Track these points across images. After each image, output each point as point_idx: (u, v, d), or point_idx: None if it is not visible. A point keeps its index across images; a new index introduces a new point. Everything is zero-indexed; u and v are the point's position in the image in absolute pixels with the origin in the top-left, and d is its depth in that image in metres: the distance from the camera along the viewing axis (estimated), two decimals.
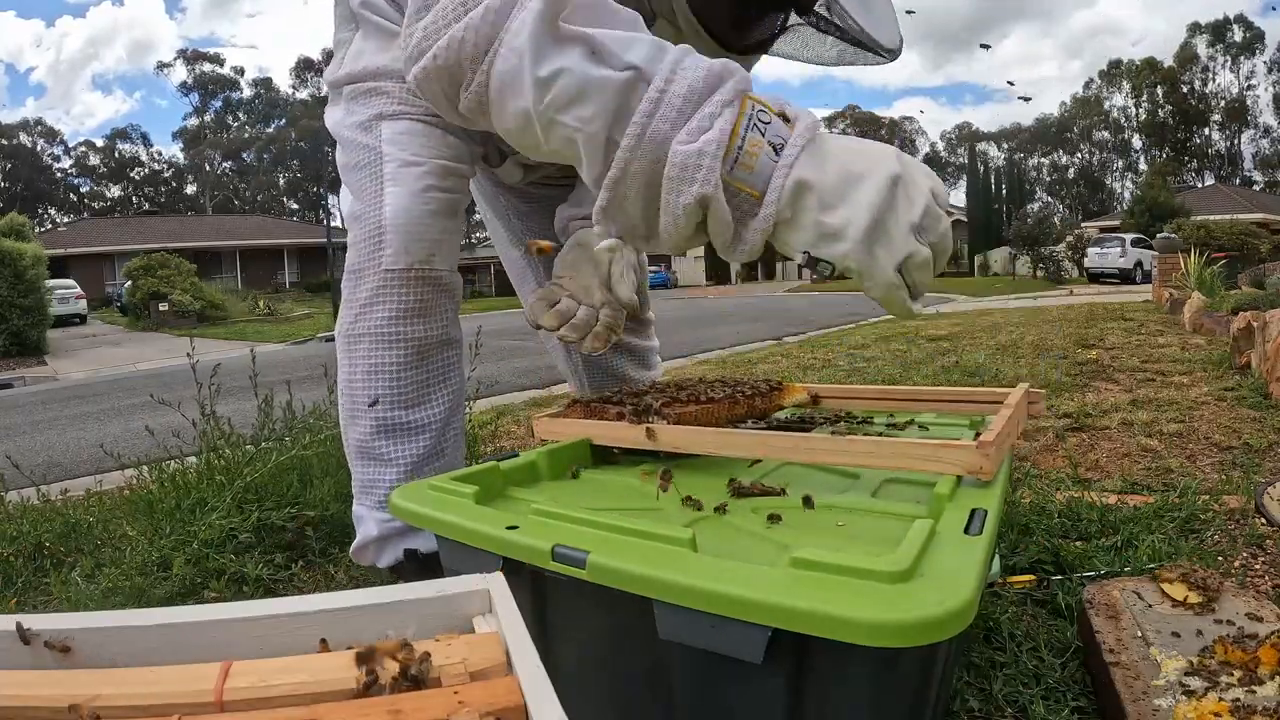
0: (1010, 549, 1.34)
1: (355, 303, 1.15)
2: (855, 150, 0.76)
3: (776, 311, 11.86)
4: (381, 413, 1.16)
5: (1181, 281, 6.92)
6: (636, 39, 0.77)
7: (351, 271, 1.15)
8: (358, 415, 1.17)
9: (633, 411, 1.01)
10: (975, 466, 0.77)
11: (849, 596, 0.54)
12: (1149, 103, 51.93)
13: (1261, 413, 2.38)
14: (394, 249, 1.11)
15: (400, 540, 1.20)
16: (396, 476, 1.17)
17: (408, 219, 1.12)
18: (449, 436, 1.22)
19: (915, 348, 4.74)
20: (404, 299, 1.12)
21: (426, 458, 1.19)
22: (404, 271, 1.12)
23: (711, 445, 0.93)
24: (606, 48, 0.75)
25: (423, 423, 1.18)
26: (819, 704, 0.59)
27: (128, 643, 0.45)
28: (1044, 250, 23.46)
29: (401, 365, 1.15)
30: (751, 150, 0.74)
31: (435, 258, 1.13)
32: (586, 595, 0.66)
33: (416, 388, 1.17)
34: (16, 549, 1.68)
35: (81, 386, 7.90)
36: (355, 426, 1.18)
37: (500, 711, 0.39)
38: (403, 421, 1.16)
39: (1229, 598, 0.96)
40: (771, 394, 1.17)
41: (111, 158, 55.95)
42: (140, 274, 18.28)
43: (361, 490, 1.21)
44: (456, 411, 1.24)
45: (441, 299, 1.16)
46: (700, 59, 0.77)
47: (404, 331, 1.14)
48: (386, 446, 1.17)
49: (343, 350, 1.18)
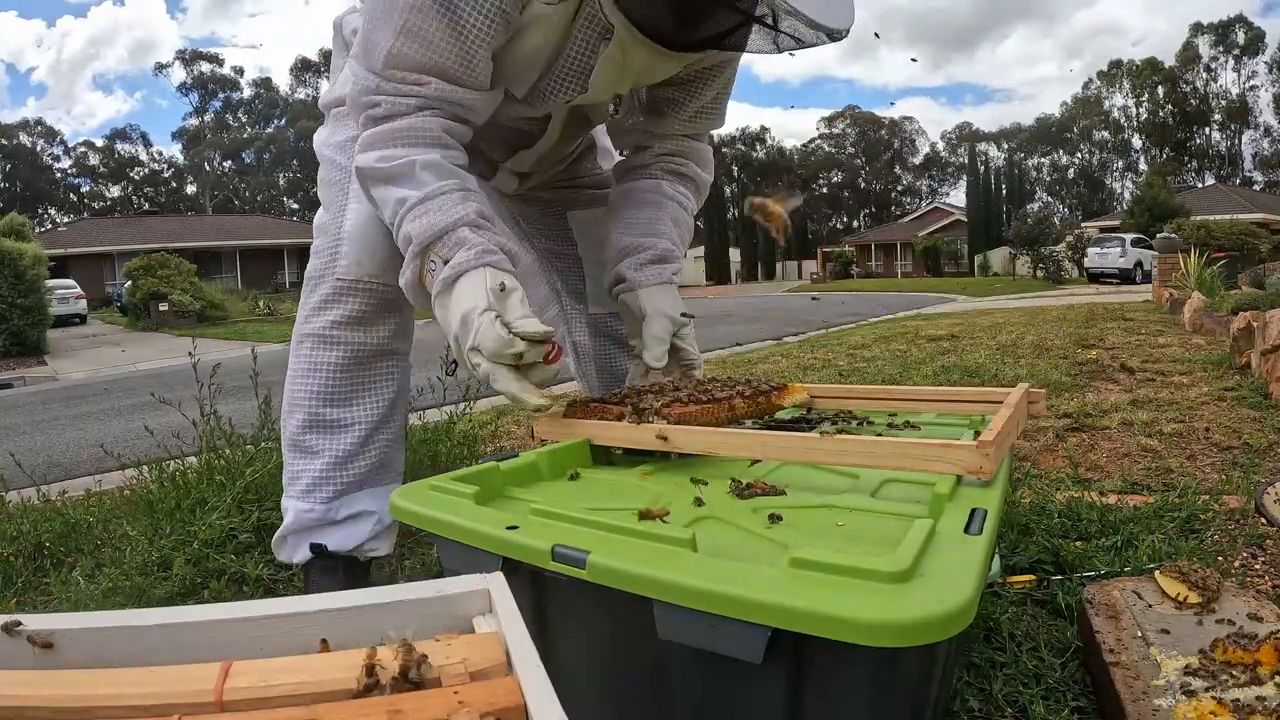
0: (1010, 549, 1.34)
1: (307, 306, 1.22)
2: (457, 298, 0.99)
3: (776, 311, 11.86)
4: (313, 408, 1.21)
5: (1181, 281, 6.92)
6: (387, 199, 1.07)
7: (310, 278, 1.23)
8: (293, 409, 1.23)
9: (633, 412, 1.01)
10: (975, 466, 0.78)
11: (849, 596, 0.54)
12: (1150, 103, 51.95)
13: (1261, 413, 2.38)
14: (348, 260, 1.19)
15: (311, 534, 1.23)
16: (320, 468, 1.22)
17: (364, 234, 1.19)
18: (380, 439, 1.25)
19: (915, 348, 4.74)
20: (350, 307, 1.19)
21: (351, 455, 1.23)
22: (354, 282, 1.19)
23: (721, 446, 0.93)
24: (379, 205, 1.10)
25: (350, 421, 1.22)
26: (819, 704, 0.59)
27: (128, 643, 0.45)
28: (1044, 250, 23.46)
29: (337, 367, 1.20)
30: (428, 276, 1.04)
31: (387, 273, 1.18)
32: (586, 595, 0.66)
33: (349, 389, 1.22)
34: (16, 549, 1.68)
35: (81, 386, 7.90)
36: (290, 420, 1.24)
37: (500, 711, 0.39)
38: (331, 418, 1.22)
39: (1229, 598, 0.96)
40: (771, 394, 1.17)
41: (111, 158, 55.95)
42: (140, 274, 18.27)
43: (288, 481, 1.26)
44: (392, 419, 1.27)
45: (385, 312, 1.22)
46: (408, 221, 1.04)
47: (344, 336, 1.20)
48: (314, 440, 1.22)
49: (291, 349, 1.25)
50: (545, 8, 1.05)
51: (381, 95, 1.06)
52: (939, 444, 0.81)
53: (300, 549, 1.24)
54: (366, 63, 1.07)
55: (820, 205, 60.34)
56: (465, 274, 0.99)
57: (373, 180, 1.08)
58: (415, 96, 1.06)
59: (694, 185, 1.44)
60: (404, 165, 1.05)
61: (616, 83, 1.18)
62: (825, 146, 63.32)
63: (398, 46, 1.03)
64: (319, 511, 1.22)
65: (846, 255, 35.99)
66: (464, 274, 0.99)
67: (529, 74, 1.15)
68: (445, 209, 1.03)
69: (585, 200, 1.55)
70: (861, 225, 57.32)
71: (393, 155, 1.05)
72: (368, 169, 1.07)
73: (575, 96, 1.18)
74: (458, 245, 1.01)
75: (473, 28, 1.02)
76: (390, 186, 1.06)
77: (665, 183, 1.39)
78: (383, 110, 1.07)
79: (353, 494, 1.24)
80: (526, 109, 1.24)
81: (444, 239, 1.02)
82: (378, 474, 1.26)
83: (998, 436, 0.80)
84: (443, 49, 1.03)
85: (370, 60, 1.06)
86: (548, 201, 1.56)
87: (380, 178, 1.07)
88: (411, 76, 1.05)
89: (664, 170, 1.40)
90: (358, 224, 1.19)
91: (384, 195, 1.07)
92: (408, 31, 1.02)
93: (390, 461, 1.29)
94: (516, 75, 1.15)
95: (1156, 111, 51.70)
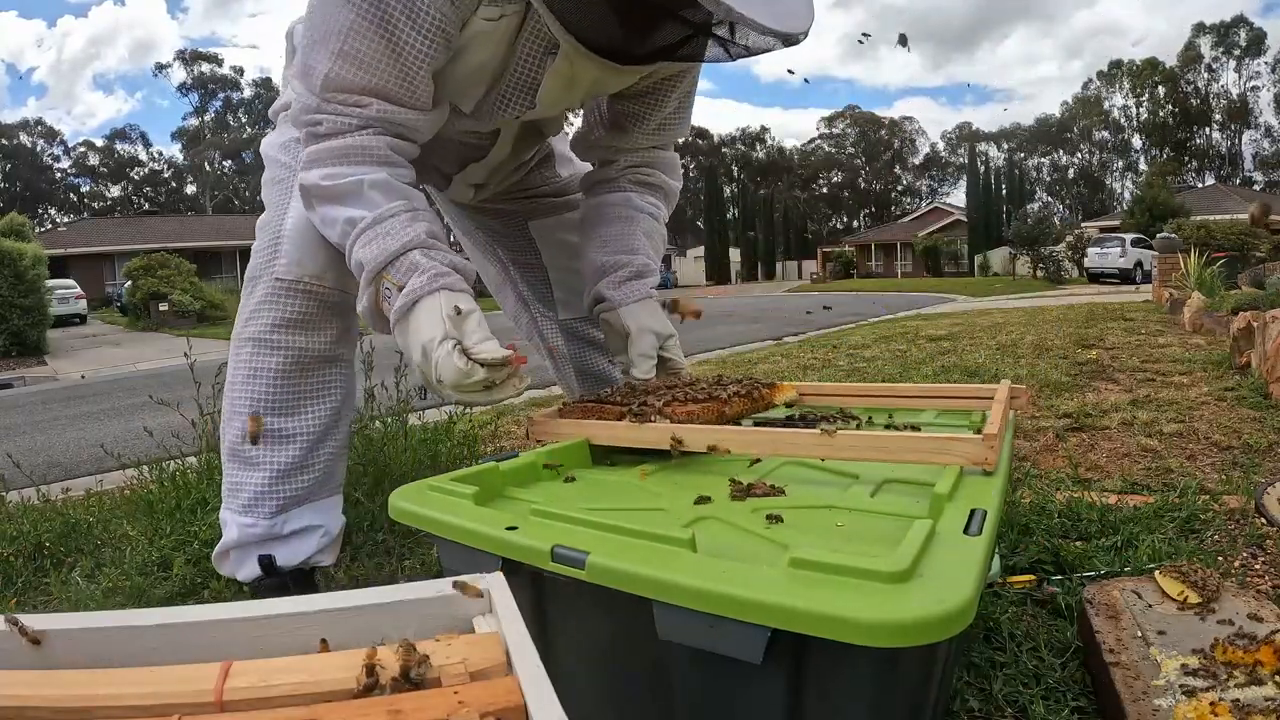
0: (1010, 549, 1.34)
1: (246, 309, 1.19)
2: (415, 329, 0.99)
3: (776, 311, 11.86)
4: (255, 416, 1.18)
5: (1181, 281, 6.92)
6: (336, 219, 1.05)
7: (249, 278, 1.20)
8: (233, 417, 1.20)
9: (633, 413, 1.01)
10: (981, 458, 0.81)
11: (848, 596, 0.54)
12: (1150, 103, 51.95)
13: (1261, 413, 2.38)
14: (287, 259, 1.15)
15: (258, 548, 1.20)
16: (262, 481, 1.18)
17: (305, 234, 1.15)
18: (324, 452, 1.22)
19: (915, 348, 4.74)
20: (289, 308, 1.15)
21: (295, 467, 1.19)
22: (294, 283, 1.15)
23: (733, 444, 0.94)
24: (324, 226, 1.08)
25: (293, 431, 1.19)
26: (819, 704, 0.59)
27: (128, 643, 0.45)
28: (1043, 250, 23.44)
29: (278, 373, 1.17)
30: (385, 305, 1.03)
31: (328, 275, 1.16)
32: (586, 595, 0.67)
33: (292, 397, 1.18)
34: (16, 549, 1.68)
35: (81, 386, 7.90)
36: (230, 428, 1.20)
37: (500, 711, 0.39)
38: (273, 428, 1.18)
39: (1229, 598, 0.96)
40: (764, 392, 1.18)
41: (110, 158, 55.95)
42: (140, 274, 18.25)
43: (229, 493, 1.22)
44: (336, 430, 1.24)
45: (327, 315, 1.19)
46: (359, 246, 1.02)
47: (285, 340, 1.16)
48: (255, 451, 1.18)
49: (230, 353, 1.21)
50: (486, 24, 1.03)
51: (323, 115, 1.04)
52: (945, 437, 0.84)
53: (245, 564, 1.21)
54: (306, 84, 1.05)
55: (820, 205, 60.36)
56: (420, 301, 0.98)
57: (319, 198, 1.06)
58: (356, 117, 1.04)
59: (663, 194, 1.43)
60: (351, 184, 1.03)
61: (565, 97, 1.17)
62: (825, 146, 63.34)
63: (336, 70, 1.01)
64: (263, 526, 1.19)
65: (846, 255, 35.99)
66: (419, 301, 0.98)
67: (475, 90, 1.13)
68: (395, 232, 1.01)
69: (545, 209, 1.55)
70: (861, 225, 57.31)
71: (339, 174, 1.03)
72: (313, 186, 1.05)
73: (524, 112, 1.17)
74: (410, 270, 0.99)
75: (411, 48, 1.00)
76: (337, 206, 1.04)
77: (634, 194, 1.38)
78: (324, 129, 1.04)
79: (297, 508, 1.21)
80: (475, 124, 1.22)
81: (395, 264, 1.00)
82: (320, 487, 1.23)
83: (1000, 429, 0.83)
84: (382, 71, 1.01)
85: (309, 83, 1.04)
86: (508, 213, 1.56)
87: (326, 196, 1.05)
88: (352, 99, 1.03)
89: (631, 182, 1.39)
90: (299, 223, 1.16)
91: (331, 214, 1.05)
92: (345, 55, 1.00)
93: (332, 474, 1.26)
94: (462, 92, 1.13)
95: (1157, 111, 51.70)
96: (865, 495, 0.86)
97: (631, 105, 1.30)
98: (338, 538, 1.28)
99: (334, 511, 1.27)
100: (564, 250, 1.54)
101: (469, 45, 1.05)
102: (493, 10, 1.02)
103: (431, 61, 1.03)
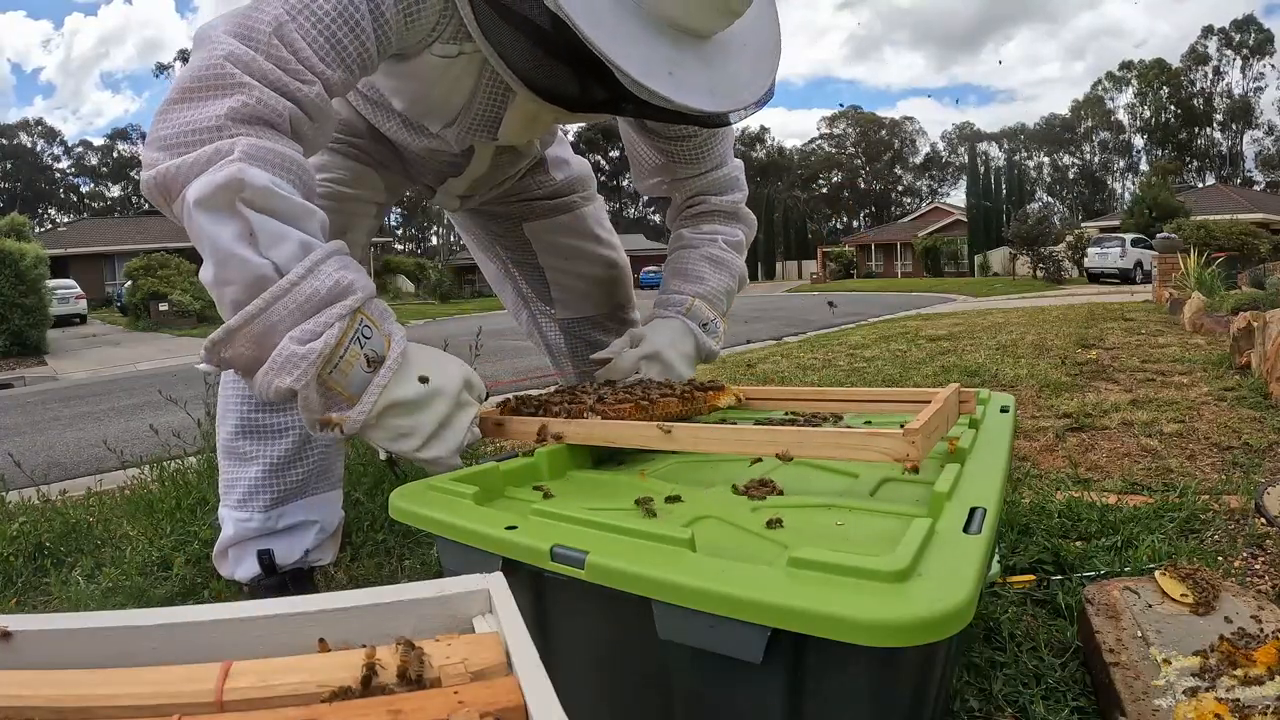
0: (1010, 549, 1.34)
1: None
2: (432, 363, 0.90)
3: (777, 311, 11.85)
4: (245, 412, 1.19)
5: (1181, 282, 6.92)
6: (287, 236, 0.84)
7: None
8: (226, 415, 1.21)
9: (566, 408, 1.03)
10: (902, 454, 0.79)
11: (848, 596, 0.54)
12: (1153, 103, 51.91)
13: (1261, 413, 2.38)
14: None
15: (255, 543, 1.20)
16: (256, 475, 1.19)
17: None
18: (316, 445, 1.22)
19: (915, 348, 4.74)
20: None
21: (288, 461, 1.20)
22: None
23: (632, 439, 0.95)
24: (259, 235, 0.83)
25: (284, 425, 1.19)
26: (819, 704, 0.59)
27: (127, 643, 0.45)
28: (1043, 250, 23.43)
29: None
30: (350, 360, 0.84)
31: None
32: (586, 595, 0.67)
33: None
34: (16, 549, 1.68)
35: (81, 386, 7.90)
36: (224, 425, 1.21)
37: (500, 711, 0.39)
38: (264, 423, 1.19)
39: (1229, 598, 0.96)
40: (703, 395, 1.18)
41: (110, 157, 55.91)
42: (140, 274, 18.25)
43: (224, 490, 1.23)
44: None
45: None
46: (335, 268, 0.84)
47: None
48: (248, 445, 1.20)
49: None
50: (440, 60, 1.03)
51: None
52: (866, 432, 0.82)
53: (243, 562, 1.22)
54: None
55: (820, 205, 60.35)
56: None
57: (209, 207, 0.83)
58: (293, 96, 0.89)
59: (721, 215, 1.45)
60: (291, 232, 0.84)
61: (528, 131, 1.19)
62: (825, 146, 63.35)
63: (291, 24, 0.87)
64: (258, 521, 1.19)
65: (846, 255, 35.98)
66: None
67: (441, 116, 1.14)
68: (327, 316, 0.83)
69: (539, 212, 1.56)
70: (861, 225, 57.32)
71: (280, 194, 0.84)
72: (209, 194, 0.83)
73: (488, 142, 1.19)
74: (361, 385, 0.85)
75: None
76: (241, 239, 0.83)
77: (686, 230, 1.43)
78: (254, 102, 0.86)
79: (292, 502, 1.21)
80: (444, 145, 1.23)
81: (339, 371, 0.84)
82: (316, 482, 1.24)
83: (924, 426, 0.80)
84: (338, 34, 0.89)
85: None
86: (503, 215, 1.58)
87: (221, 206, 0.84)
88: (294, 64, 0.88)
89: (687, 218, 1.45)
90: None
91: (220, 232, 0.83)
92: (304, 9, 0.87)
93: (329, 468, 1.26)
94: (427, 115, 1.14)
95: (1160, 112, 51.70)
96: (865, 495, 0.85)
97: (665, 145, 1.35)
98: (335, 534, 1.28)
99: (331, 507, 1.27)
100: (559, 252, 1.57)
101: (431, 75, 1.06)
102: (450, 48, 1.03)
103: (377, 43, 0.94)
